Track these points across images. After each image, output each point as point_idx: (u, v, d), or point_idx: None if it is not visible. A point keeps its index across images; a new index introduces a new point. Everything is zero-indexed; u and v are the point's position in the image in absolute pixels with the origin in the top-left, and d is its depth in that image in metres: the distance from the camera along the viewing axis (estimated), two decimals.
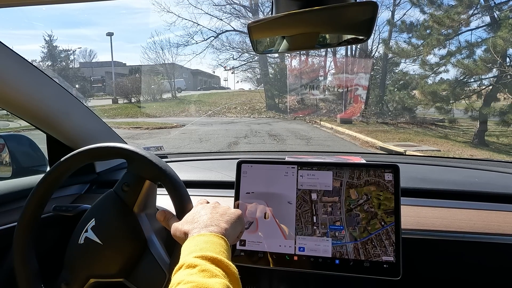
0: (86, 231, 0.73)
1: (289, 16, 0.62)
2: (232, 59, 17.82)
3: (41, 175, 0.80)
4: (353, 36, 0.70)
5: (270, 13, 0.66)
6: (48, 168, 1.21)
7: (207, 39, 17.20)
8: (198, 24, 18.09)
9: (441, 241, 0.85)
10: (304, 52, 13.74)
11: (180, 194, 0.71)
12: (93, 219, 0.74)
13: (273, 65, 16.84)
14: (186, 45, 18.27)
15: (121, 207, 0.73)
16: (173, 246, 0.68)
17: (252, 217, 0.83)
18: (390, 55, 13.45)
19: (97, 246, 0.71)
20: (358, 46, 14.01)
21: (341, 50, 15.51)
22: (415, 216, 0.88)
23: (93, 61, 28.14)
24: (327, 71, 16.57)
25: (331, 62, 16.18)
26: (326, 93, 15.14)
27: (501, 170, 1.16)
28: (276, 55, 15.40)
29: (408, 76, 11.76)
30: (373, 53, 15.13)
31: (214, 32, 17.37)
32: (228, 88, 27.80)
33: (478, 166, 1.21)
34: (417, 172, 1.16)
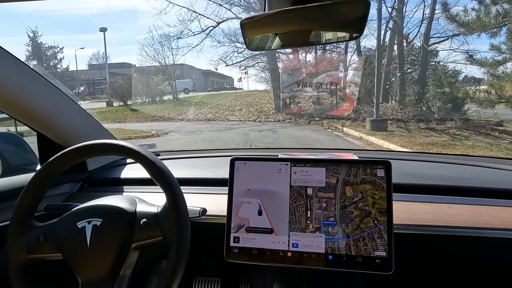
0: (89, 223, 0.73)
1: (282, 13, 0.62)
2: (236, 52, 15.05)
3: (32, 174, 0.79)
4: (346, 33, 0.70)
5: (263, 10, 0.66)
6: (39, 167, 1.20)
7: (205, 30, 14.66)
8: (199, 14, 14.80)
9: (432, 236, 0.86)
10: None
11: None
12: (101, 220, 0.73)
13: (283, 59, 13.83)
14: (180, 38, 15.91)
15: (126, 236, 0.73)
16: (154, 275, 0.69)
17: (245, 215, 0.83)
18: (431, 47, 10.68)
19: (84, 245, 0.71)
20: (394, 28, 11.31)
21: (369, 38, 12.67)
22: (407, 212, 0.89)
23: (99, 63, 27.28)
24: (348, 64, 13.32)
25: (354, 52, 13.15)
26: (348, 90, 12.06)
27: (491, 166, 1.18)
28: None
29: (461, 66, 9.43)
30: (409, 40, 12.04)
31: (216, 23, 14.72)
32: (240, 89, 25.79)
33: (468, 162, 1.23)
34: (408, 168, 1.17)
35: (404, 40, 12.25)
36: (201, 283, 1.13)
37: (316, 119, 11.22)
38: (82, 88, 21.64)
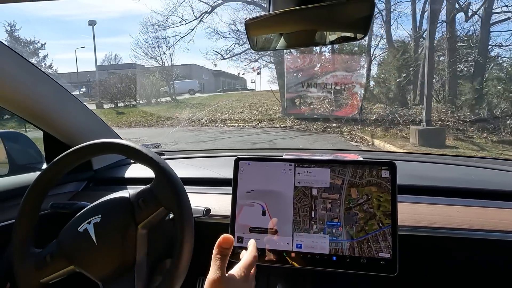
0: (89, 223, 0.73)
1: (286, 13, 0.62)
2: (237, 44, 12.81)
3: (38, 172, 0.79)
4: (350, 34, 0.70)
5: (268, 10, 0.66)
6: (45, 166, 1.21)
7: (199, 17, 12.45)
8: None
9: (437, 238, 0.85)
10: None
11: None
12: (100, 216, 0.74)
13: (293, 53, 10.96)
14: (170, 27, 14.05)
15: (129, 220, 0.73)
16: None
17: (248, 216, 0.83)
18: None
19: (91, 244, 0.71)
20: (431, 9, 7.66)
21: (392, 28, 9.77)
22: (412, 213, 0.88)
23: (110, 63, 26.07)
24: (372, 56, 10.46)
25: (378, 43, 10.43)
26: (374, 89, 9.39)
27: (497, 168, 1.17)
28: None
29: None
30: (469, 14, 8.18)
31: (211, 7, 12.23)
32: (252, 90, 23.69)
33: (474, 164, 1.22)
34: (413, 169, 1.16)
35: (463, 14, 8.14)
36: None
37: (333, 125, 8.61)
38: (83, 89, 21.20)
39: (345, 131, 8.11)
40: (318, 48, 10.81)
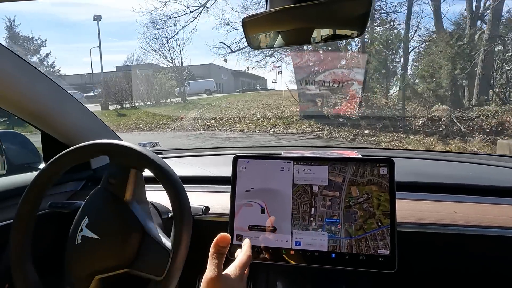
0: (82, 230, 0.72)
1: (283, 11, 0.62)
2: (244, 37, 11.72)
3: (36, 172, 0.79)
4: (348, 31, 0.70)
5: (265, 8, 0.66)
6: (43, 165, 1.20)
7: (205, 3, 10.74)
8: None
9: (436, 234, 0.86)
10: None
11: (170, 180, 0.70)
12: (86, 217, 0.73)
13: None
14: (171, 17, 11.77)
15: (112, 200, 0.73)
16: (171, 228, 0.68)
17: (247, 215, 0.83)
18: None
19: (96, 242, 0.70)
20: None
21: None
22: (410, 210, 0.89)
23: (132, 64, 24.86)
24: (408, 47, 8.26)
25: (416, 29, 8.19)
26: (411, 80, 7.36)
27: (495, 164, 1.17)
28: None
29: None
30: None
31: None
32: (272, 90, 22.13)
33: (472, 160, 1.22)
34: (412, 166, 1.17)
35: None
36: None
37: (366, 132, 6.54)
38: (98, 90, 20.64)
39: (383, 141, 6.08)
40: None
